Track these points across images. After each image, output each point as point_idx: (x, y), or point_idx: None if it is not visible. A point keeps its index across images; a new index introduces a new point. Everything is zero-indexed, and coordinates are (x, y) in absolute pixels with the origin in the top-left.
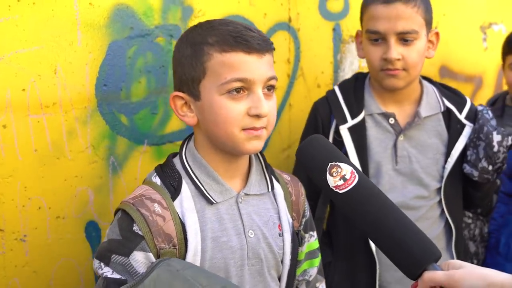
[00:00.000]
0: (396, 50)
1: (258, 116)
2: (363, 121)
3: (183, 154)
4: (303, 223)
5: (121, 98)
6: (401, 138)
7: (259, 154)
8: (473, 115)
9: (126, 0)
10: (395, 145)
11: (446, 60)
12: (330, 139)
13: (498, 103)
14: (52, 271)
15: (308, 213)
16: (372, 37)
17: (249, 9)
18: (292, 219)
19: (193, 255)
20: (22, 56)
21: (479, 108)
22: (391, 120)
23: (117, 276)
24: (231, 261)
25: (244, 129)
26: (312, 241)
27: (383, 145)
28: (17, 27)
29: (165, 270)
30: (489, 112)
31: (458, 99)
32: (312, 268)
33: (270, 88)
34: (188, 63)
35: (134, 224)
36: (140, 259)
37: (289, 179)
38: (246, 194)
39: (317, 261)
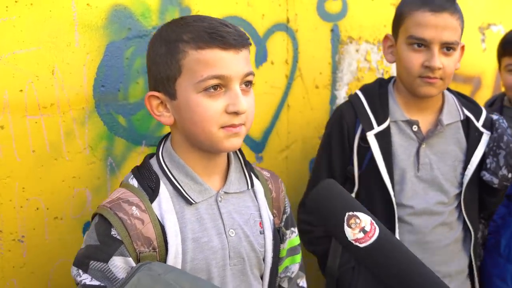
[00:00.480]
0: (439, 59)
1: (236, 113)
2: (388, 127)
3: (160, 155)
4: (284, 219)
5: (119, 99)
6: (423, 145)
7: (238, 151)
8: (489, 124)
9: (124, 1)
10: (417, 153)
11: None
12: (355, 145)
13: (496, 104)
14: (50, 272)
15: (288, 209)
16: (414, 42)
17: (247, 10)
18: (273, 216)
19: (174, 257)
20: (19, 56)
21: (495, 117)
22: (415, 128)
23: (96, 283)
24: (213, 261)
25: (222, 127)
26: (293, 238)
27: (407, 152)
28: (15, 28)
29: (146, 274)
30: (504, 121)
31: (474, 107)
32: (294, 264)
33: (248, 83)
34: (163, 61)
35: (112, 229)
36: (119, 264)
37: (268, 175)
38: (225, 193)
39: (299, 257)
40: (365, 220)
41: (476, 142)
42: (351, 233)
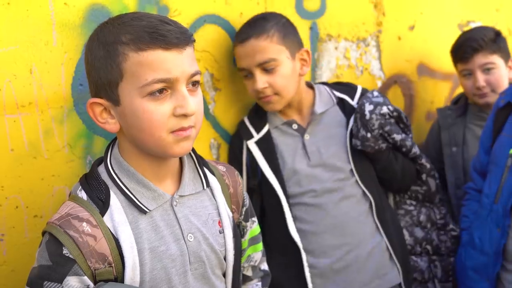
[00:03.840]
0: (261, 81)
1: (185, 116)
2: (268, 133)
3: (108, 163)
4: (243, 213)
5: None
6: (306, 137)
7: (191, 151)
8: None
9: (102, 0)
10: (304, 145)
11: (424, 58)
12: (244, 157)
13: (461, 101)
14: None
15: (247, 201)
16: (245, 74)
17: (225, 8)
18: (232, 212)
19: (132, 270)
20: None
21: (368, 92)
22: (294, 126)
23: None
24: (173, 269)
25: (172, 132)
26: (254, 227)
27: (293, 148)
28: None
29: None
30: (375, 93)
31: (348, 89)
32: (256, 253)
33: (195, 83)
34: (102, 65)
35: (63, 248)
36: (74, 284)
37: (224, 170)
38: (180, 196)
39: (260, 245)
40: None
41: (350, 117)
42: None
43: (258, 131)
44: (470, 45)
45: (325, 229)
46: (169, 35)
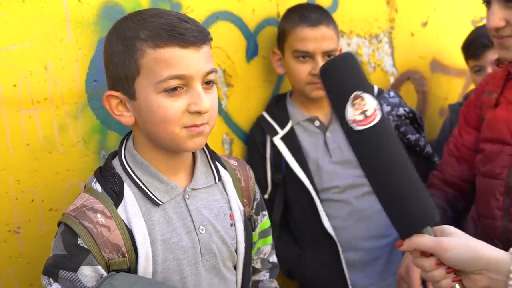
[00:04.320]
0: None
1: (198, 113)
2: (292, 130)
3: (122, 156)
4: (254, 206)
5: None
6: (328, 134)
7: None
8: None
9: None
10: (325, 142)
11: (437, 54)
12: (268, 153)
13: None
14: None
15: (258, 195)
16: (300, 55)
17: (237, 5)
18: (243, 205)
19: (145, 260)
20: (12, 52)
21: (384, 92)
22: (316, 123)
23: None
24: (184, 261)
25: (185, 127)
26: (264, 221)
27: (315, 145)
28: (8, 24)
29: None
30: (391, 93)
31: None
32: (266, 245)
33: (210, 82)
34: (120, 60)
35: (78, 238)
36: (88, 274)
37: (236, 164)
38: (193, 189)
39: (270, 238)
40: (370, 104)
41: None
42: (352, 113)
43: (282, 127)
44: (481, 42)
45: (352, 223)
46: (187, 33)
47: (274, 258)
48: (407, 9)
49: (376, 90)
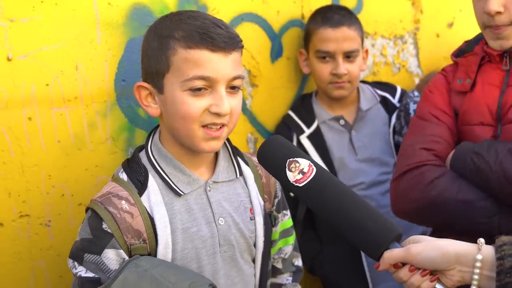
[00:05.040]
0: (344, 66)
1: (218, 114)
2: (318, 128)
3: (148, 148)
4: (275, 204)
5: None
6: (353, 133)
7: (226, 141)
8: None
9: (143, 0)
10: (351, 140)
11: None
12: None
13: None
14: None
15: (280, 193)
16: (321, 55)
17: (262, 7)
18: (264, 201)
19: (164, 247)
20: (45, 53)
21: (410, 92)
22: (342, 122)
23: (90, 274)
24: (203, 250)
25: (203, 126)
26: (285, 220)
27: (341, 143)
28: (41, 26)
29: (133, 271)
30: (415, 92)
31: (389, 88)
32: (287, 246)
33: (234, 87)
34: (154, 55)
35: (103, 223)
36: (111, 257)
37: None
38: (214, 182)
39: (292, 238)
40: (303, 163)
41: (393, 114)
42: (292, 176)
43: (308, 126)
44: None
45: None
46: (218, 38)
47: (299, 262)
48: (432, 10)
49: (399, 90)
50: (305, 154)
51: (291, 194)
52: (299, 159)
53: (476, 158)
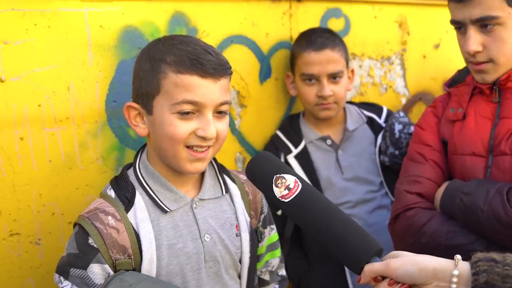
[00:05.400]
0: (328, 88)
1: (204, 138)
2: (305, 148)
3: (136, 166)
4: (261, 219)
5: None
6: (340, 152)
7: (212, 159)
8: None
9: (135, 22)
10: (337, 160)
11: (449, 76)
12: None
13: None
14: None
15: (266, 209)
16: (306, 78)
17: (251, 29)
18: (250, 217)
19: (149, 263)
20: (38, 74)
21: (394, 112)
22: (328, 142)
23: None
24: (187, 266)
25: (187, 146)
26: (272, 234)
27: (328, 163)
28: (34, 48)
29: (118, 286)
30: (401, 113)
31: (376, 109)
32: (274, 258)
33: (222, 112)
34: (145, 77)
35: (89, 238)
36: (97, 271)
37: (245, 179)
38: (200, 199)
39: (278, 251)
40: (290, 179)
41: (379, 134)
42: (278, 191)
43: (295, 146)
44: None
45: None
46: (208, 64)
47: (283, 272)
48: (419, 32)
49: (385, 111)
50: (292, 170)
51: (279, 213)
52: (285, 175)
53: (466, 198)
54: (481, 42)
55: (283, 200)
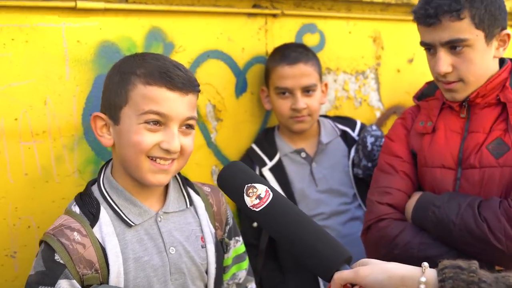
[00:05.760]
0: (302, 101)
1: (167, 151)
2: (280, 161)
3: (100, 181)
4: (226, 231)
5: None
6: (314, 165)
7: (176, 174)
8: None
9: (111, 37)
10: (311, 172)
11: None
12: None
13: None
14: None
15: (231, 220)
16: (280, 92)
17: (227, 44)
18: (215, 228)
19: (116, 277)
20: (15, 88)
21: (367, 126)
22: (303, 155)
23: None
24: (154, 278)
25: (150, 158)
26: (238, 246)
27: (302, 176)
28: (11, 63)
29: None
30: (373, 127)
31: (349, 122)
32: (240, 271)
33: (188, 126)
34: (114, 89)
35: (55, 254)
36: (65, 287)
37: (209, 190)
38: (165, 213)
39: (245, 264)
40: (261, 188)
41: (352, 147)
42: (249, 201)
43: (270, 159)
44: None
45: None
46: (176, 78)
47: (252, 285)
48: (393, 47)
49: (359, 125)
50: (263, 180)
51: (254, 224)
52: (256, 185)
53: (438, 212)
54: (451, 63)
55: (254, 209)
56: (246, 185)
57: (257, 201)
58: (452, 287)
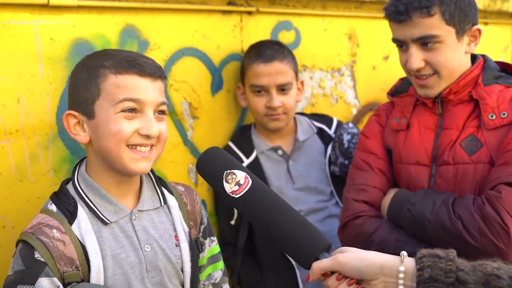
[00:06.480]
0: (277, 99)
1: (147, 136)
2: (257, 159)
3: (75, 180)
4: (201, 230)
5: None
6: (290, 163)
7: (150, 171)
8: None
9: (85, 35)
10: (288, 170)
11: None
12: None
13: None
14: None
15: (206, 220)
16: (256, 90)
17: (202, 42)
18: (189, 228)
19: (97, 273)
20: None
21: (343, 123)
22: (280, 152)
23: None
24: (132, 275)
25: (130, 146)
26: (213, 246)
27: (279, 173)
28: None
29: None
30: (350, 124)
31: (326, 120)
32: (216, 271)
33: (161, 112)
34: (83, 85)
35: (35, 252)
36: (46, 285)
37: (183, 190)
38: (139, 211)
39: (220, 264)
40: (240, 175)
41: (329, 145)
42: (229, 187)
43: (247, 156)
44: None
45: None
46: (145, 65)
47: (227, 286)
48: (368, 44)
49: (335, 122)
50: (242, 166)
51: (232, 222)
52: (236, 171)
53: (413, 209)
54: (423, 59)
55: (234, 196)
56: (225, 171)
57: (236, 187)
58: (431, 276)
